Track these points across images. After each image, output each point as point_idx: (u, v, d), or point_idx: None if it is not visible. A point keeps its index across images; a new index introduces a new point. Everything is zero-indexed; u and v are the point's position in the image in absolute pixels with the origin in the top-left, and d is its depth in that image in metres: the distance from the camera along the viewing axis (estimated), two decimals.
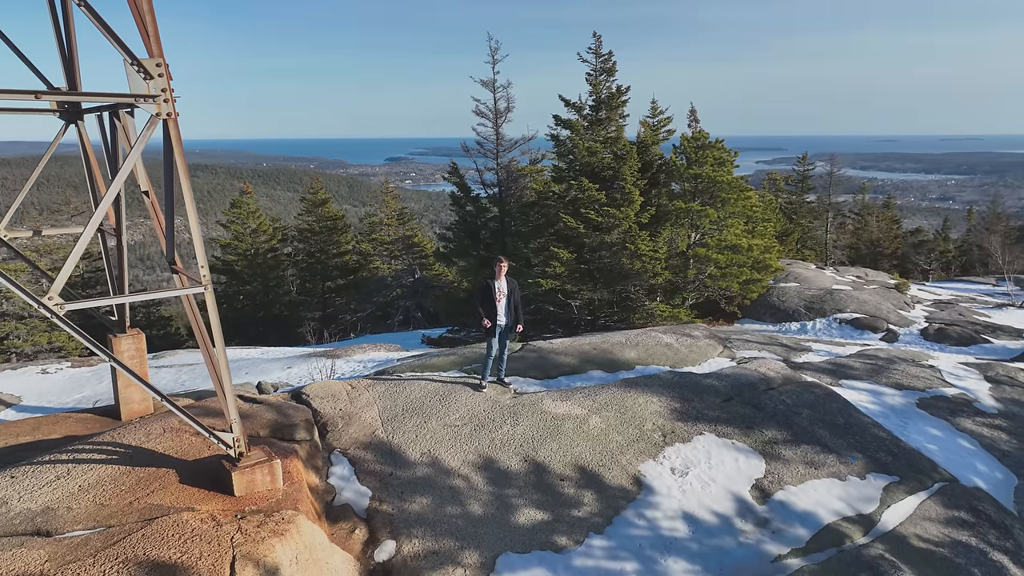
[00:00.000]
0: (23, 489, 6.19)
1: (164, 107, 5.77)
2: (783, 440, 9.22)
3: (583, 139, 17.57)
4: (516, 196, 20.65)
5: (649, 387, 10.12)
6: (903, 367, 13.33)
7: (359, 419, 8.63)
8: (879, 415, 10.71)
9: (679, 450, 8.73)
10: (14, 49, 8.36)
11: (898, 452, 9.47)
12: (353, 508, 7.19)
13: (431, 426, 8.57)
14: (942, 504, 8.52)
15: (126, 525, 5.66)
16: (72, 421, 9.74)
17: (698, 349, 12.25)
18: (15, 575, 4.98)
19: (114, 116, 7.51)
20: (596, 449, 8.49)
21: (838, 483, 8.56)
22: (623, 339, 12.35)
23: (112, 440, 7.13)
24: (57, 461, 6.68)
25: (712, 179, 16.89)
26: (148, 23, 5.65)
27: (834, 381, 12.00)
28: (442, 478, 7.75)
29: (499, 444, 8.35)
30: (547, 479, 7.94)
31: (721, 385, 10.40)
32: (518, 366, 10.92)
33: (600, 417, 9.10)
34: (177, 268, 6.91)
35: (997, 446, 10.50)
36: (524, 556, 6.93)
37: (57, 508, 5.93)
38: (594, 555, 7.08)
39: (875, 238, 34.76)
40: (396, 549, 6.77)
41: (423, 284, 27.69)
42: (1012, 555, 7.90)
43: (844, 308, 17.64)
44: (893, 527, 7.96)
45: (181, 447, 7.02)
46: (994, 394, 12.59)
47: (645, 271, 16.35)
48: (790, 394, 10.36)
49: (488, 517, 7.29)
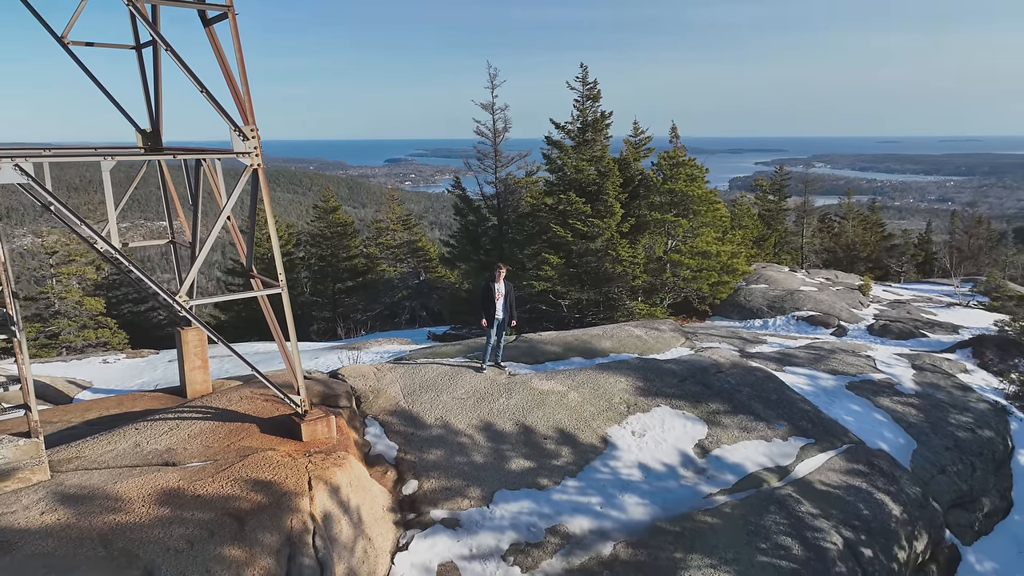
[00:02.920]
0: (148, 437, 8.44)
1: (255, 160, 8.03)
2: (724, 411, 11.48)
3: (571, 158, 19.89)
4: (513, 206, 22.94)
5: (619, 370, 12.37)
6: (842, 356, 15.60)
7: (385, 393, 10.87)
8: (810, 394, 12.96)
9: (639, 418, 10.98)
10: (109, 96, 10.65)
11: (818, 421, 11.74)
12: (385, 457, 9.43)
13: (442, 399, 10.80)
14: (846, 460, 10.78)
15: (228, 459, 7.91)
16: (148, 398, 11.99)
17: (663, 340, 14.53)
18: (161, 488, 7.22)
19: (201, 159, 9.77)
20: (573, 416, 10.73)
21: (764, 443, 10.82)
22: (601, 332, 14.63)
23: (204, 404, 9.39)
24: (166, 418, 8.94)
25: (684, 193, 19.15)
26: (245, 102, 7.91)
27: (778, 367, 14.26)
28: (452, 436, 9.98)
29: (496, 412, 10.58)
30: (534, 438, 10.18)
31: (678, 368, 12.66)
32: (512, 353, 13.17)
33: (577, 392, 11.35)
34: (254, 275, 9.17)
35: (905, 419, 12.78)
36: (515, 492, 9.17)
37: (176, 448, 8.18)
38: (568, 492, 9.33)
39: (851, 242, 37.03)
40: (418, 486, 9.01)
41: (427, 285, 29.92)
42: (893, 496, 10.18)
43: (802, 307, 19.91)
44: (803, 475, 10.22)
45: (256, 409, 9.27)
46: (916, 379, 14.86)
47: (626, 274, 18.61)
48: (735, 376, 12.62)
49: (487, 465, 9.53)
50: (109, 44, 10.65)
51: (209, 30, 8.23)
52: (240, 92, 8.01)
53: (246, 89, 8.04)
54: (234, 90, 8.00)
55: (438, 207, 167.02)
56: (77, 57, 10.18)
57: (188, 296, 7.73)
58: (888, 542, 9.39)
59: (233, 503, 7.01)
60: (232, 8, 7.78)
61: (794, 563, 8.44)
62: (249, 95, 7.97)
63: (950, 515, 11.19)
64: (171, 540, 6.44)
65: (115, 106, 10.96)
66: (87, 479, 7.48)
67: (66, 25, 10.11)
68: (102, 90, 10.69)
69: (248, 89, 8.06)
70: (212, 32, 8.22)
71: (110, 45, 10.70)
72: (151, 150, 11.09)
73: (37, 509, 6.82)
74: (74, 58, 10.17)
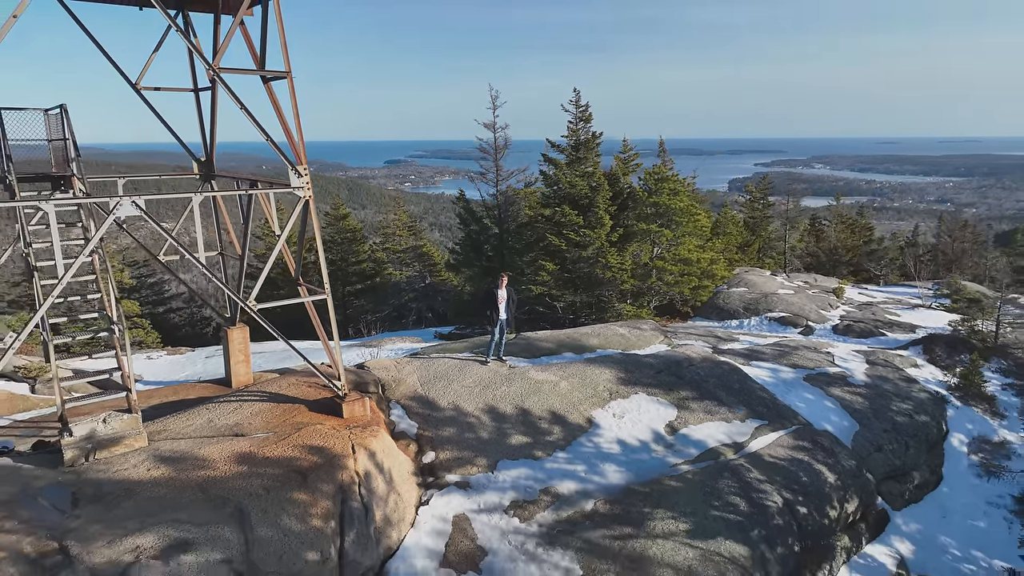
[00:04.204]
0: (218, 415, 10.44)
1: (307, 193, 10.03)
2: (692, 397, 13.47)
3: (565, 173, 21.91)
4: (512, 217, 24.95)
5: (604, 363, 14.37)
6: (803, 353, 17.60)
7: (405, 382, 12.86)
8: (769, 384, 14.96)
9: (620, 403, 12.97)
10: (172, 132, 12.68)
11: (773, 407, 13.74)
12: (407, 433, 11.41)
13: (453, 386, 12.79)
14: (793, 438, 12.78)
15: (286, 431, 9.90)
16: (199, 387, 13.98)
17: (644, 338, 16.53)
18: (237, 452, 9.21)
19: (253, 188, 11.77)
20: (563, 401, 12.72)
21: (724, 424, 12.82)
22: (590, 331, 16.64)
23: (259, 390, 11.39)
24: (230, 400, 10.94)
25: (668, 206, 21.13)
26: (299, 146, 9.91)
27: (745, 362, 16.25)
28: (462, 417, 11.96)
29: (499, 397, 12.57)
30: (530, 419, 12.17)
31: (655, 362, 14.66)
32: (512, 349, 15.16)
33: (568, 382, 13.34)
34: (301, 283, 11.18)
35: (852, 406, 14.78)
36: (514, 461, 11.16)
37: (242, 423, 10.18)
38: (558, 461, 11.32)
39: (834, 246, 39.05)
40: (435, 456, 10.99)
41: (432, 288, 31.90)
42: (830, 467, 12.18)
43: (774, 308, 21.89)
44: (755, 450, 12.22)
45: (302, 393, 11.27)
46: (867, 372, 16.86)
47: (615, 279, 20.59)
48: (704, 368, 14.62)
49: (491, 440, 11.52)
50: (174, 88, 12.65)
51: (268, 86, 10.25)
52: (295, 139, 10.02)
53: (300, 137, 10.05)
54: (289, 137, 10.00)
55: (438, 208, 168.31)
56: (148, 100, 12.20)
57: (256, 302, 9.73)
58: (821, 503, 11.39)
59: (295, 462, 9.02)
60: (290, 73, 9.78)
61: (740, 516, 10.43)
62: (303, 141, 9.98)
63: (883, 485, 13.19)
64: (252, 488, 8.44)
65: (177, 140, 13.00)
66: (176, 446, 9.48)
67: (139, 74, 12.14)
68: (167, 128, 12.73)
69: (302, 136, 10.07)
70: (270, 88, 10.23)
71: (174, 89, 12.70)
72: (207, 176, 13.13)
73: (144, 467, 8.83)
74: (145, 101, 12.19)
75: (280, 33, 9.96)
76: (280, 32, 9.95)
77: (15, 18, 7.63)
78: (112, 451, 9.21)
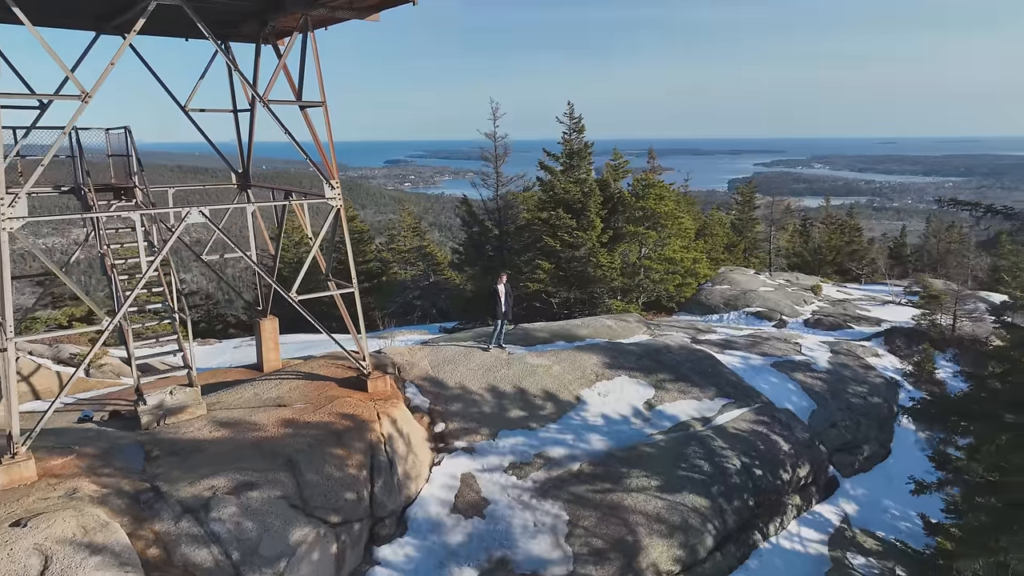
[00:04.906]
0: (262, 390, 12.34)
1: (338, 202, 11.92)
2: (668, 379, 15.35)
3: (560, 180, 23.82)
4: (512, 220, 26.85)
5: (592, 350, 16.25)
6: (774, 343, 19.49)
7: (418, 365, 14.73)
8: (739, 369, 16.84)
9: (605, 384, 14.84)
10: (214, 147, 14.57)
11: (740, 388, 15.63)
12: (421, 408, 13.27)
13: (460, 369, 14.66)
14: (755, 413, 14.68)
15: (321, 402, 11.79)
16: (235, 372, 15.88)
17: (629, 329, 18.43)
18: (282, 418, 11.10)
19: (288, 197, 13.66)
20: (555, 382, 14.60)
21: (696, 402, 14.71)
22: (580, 323, 18.53)
23: (294, 370, 13.30)
24: (270, 379, 12.83)
25: (654, 210, 23.01)
26: (333, 164, 11.80)
27: (720, 350, 18.13)
28: (467, 395, 13.83)
29: (499, 379, 14.44)
30: (526, 397, 14.04)
31: (637, 349, 16.55)
32: (511, 338, 17.04)
33: (559, 366, 15.22)
34: (330, 278, 13.07)
35: (812, 388, 16.67)
36: (512, 431, 13.03)
37: (283, 396, 12.08)
38: (550, 431, 13.20)
39: (818, 247, 40.98)
40: (445, 427, 12.87)
41: (436, 287, 33.79)
42: (786, 438, 14.08)
43: (752, 304, 23.77)
44: (720, 423, 14.11)
45: (331, 372, 13.17)
46: (831, 360, 18.74)
47: (605, 278, 22.48)
48: (680, 355, 16.52)
49: (493, 414, 13.39)
50: (216, 109, 14.55)
51: (304, 112, 12.14)
52: (328, 157, 11.91)
53: (333, 156, 11.94)
54: (324, 156, 11.90)
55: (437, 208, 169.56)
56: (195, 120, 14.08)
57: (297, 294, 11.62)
58: (775, 467, 13.29)
59: (332, 426, 10.92)
60: (325, 103, 11.68)
61: (703, 476, 12.33)
62: (335, 159, 11.87)
63: (835, 456, 15.08)
64: (298, 445, 10.33)
65: (219, 155, 14.90)
66: (230, 414, 11.37)
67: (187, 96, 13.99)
68: (210, 144, 14.63)
69: (335, 155, 11.96)
70: (306, 114, 12.13)
71: (217, 110, 14.60)
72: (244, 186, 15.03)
73: (206, 429, 10.73)
74: (192, 121, 14.06)
75: (316, 66, 11.85)
76: (316, 65, 11.85)
77: (112, 65, 9.52)
78: (179, 418, 11.11)
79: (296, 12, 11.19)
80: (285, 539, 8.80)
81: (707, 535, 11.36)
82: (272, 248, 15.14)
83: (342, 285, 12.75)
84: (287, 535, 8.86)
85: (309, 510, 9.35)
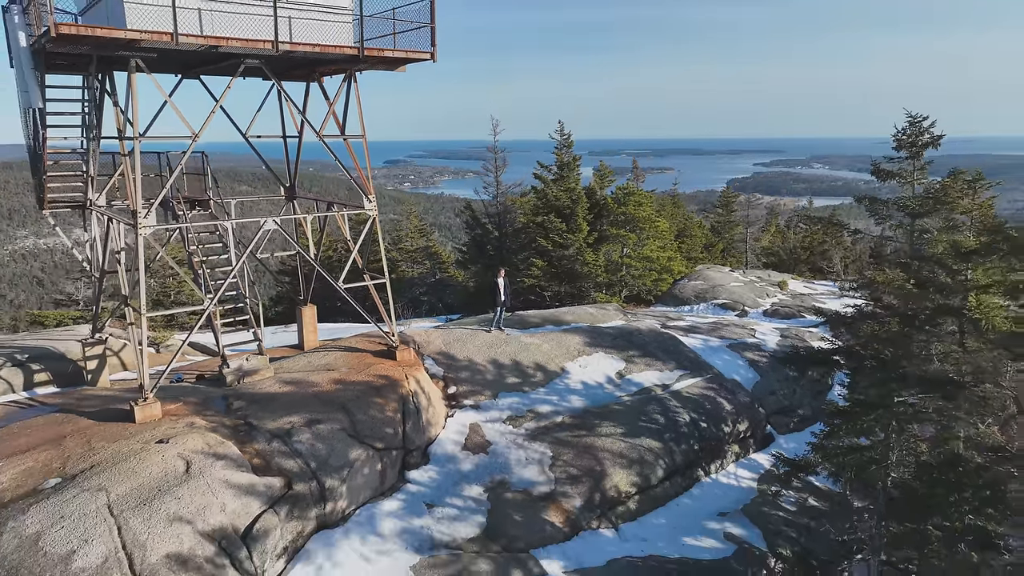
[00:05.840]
0: (314, 359, 15.75)
1: (374, 212, 15.33)
2: (638, 355, 18.76)
3: (551, 189, 27.28)
4: (510, 223, 30.29)
5: (576, 332, 19.66)
6: (732, 328, 22.90)
7: (433, 343, 18.13)
8: (698, 348, 20.26)
9: (584, 358, 18.25)
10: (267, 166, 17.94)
11: (696, 362, 19.05)
12: (437, 375, 16.67)
13: (467, 346, 18.05)
14: (706, 382, 18.09)
15: (361, 367, 15.21)
16: (281, 350, 19.21)
17: (607, 316, 21.87)
18: (333, 378, 14.52)
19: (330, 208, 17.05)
20: (545, 357, 18.00)
21: (658, 372, 18.13)
22: (567, 311, 21.95)
23: (338, 345, 16.73)
24: (318, 351, 16.24)
25: (634, 215, 26.42)
26: (369, 181, 15.21)
27: (684, 334, 21.55)
28: (473, 366, 17.23)
29: (499, 354, 17.84)
30: (521, 367, 17.45)
31: (613, 332, 19.97)
32: (509, 323, 20.41)
33: (548, 344, 18.62)
34: (365, 272, 16.47)
35: (758, 364, 20.08)
36: (509, 393, 16.44)
37: (331, 363, 15.49)
38: (539, 394, 16.62)
39: (793, 246, 44.42)
40: (456, 390, 16.27)
41: (441, 283, 37.18)
42: (729, 400, 17.51)
43: (719, 297, 27.16)
44: (676, 388, 17.53)
45: (366, 346, 16.59)
46: (779, 343, 22.14)
47: (591, 274, 25.88)
48: (648, 336, 19.93)
49: (494, 380, 16.80)
50: (271, 136, 17.92)
51: (347, 143, 15.54)
52: (366, 176, 15.31)
53: (370, 175, 15.34)
54: (361, 175, 15.30)
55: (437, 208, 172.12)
56: (253, 145, 17.45)
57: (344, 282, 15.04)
58: (719, 422, 16.72)
59: (371, 383, 14.34)
60: (365, 136, 15.07)
61: (658, 426, 15.75)
62: (371, 177, 15.27)
63: (773, 417, 18.49)
64: (348, 396, 13.75)
65: (269, 171, 18.31)
66: (292, 375, 14.78)
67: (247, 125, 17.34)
68: (264, 164, 18.04)
69: (371, 173, 15.36)
70: (348, 143, 15.53)
71: (270, 136, 17.97)
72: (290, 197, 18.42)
73: (276, 386, 14.13)
74: (252, 147, 17.43)
75: (358, 107, 15.25)
76: (358, 106, 15.25)
77: (214, 113, 12.91)
78: (253, 379, 14.52)
79: (345, 67, 14.61)
80: (346, 456, 12.23)
81: (659, 468, 14.79)
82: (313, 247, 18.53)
83: (375, 277, 16.15)
84: (347, 453, 12.28)
85: (360, 438, 12.77)
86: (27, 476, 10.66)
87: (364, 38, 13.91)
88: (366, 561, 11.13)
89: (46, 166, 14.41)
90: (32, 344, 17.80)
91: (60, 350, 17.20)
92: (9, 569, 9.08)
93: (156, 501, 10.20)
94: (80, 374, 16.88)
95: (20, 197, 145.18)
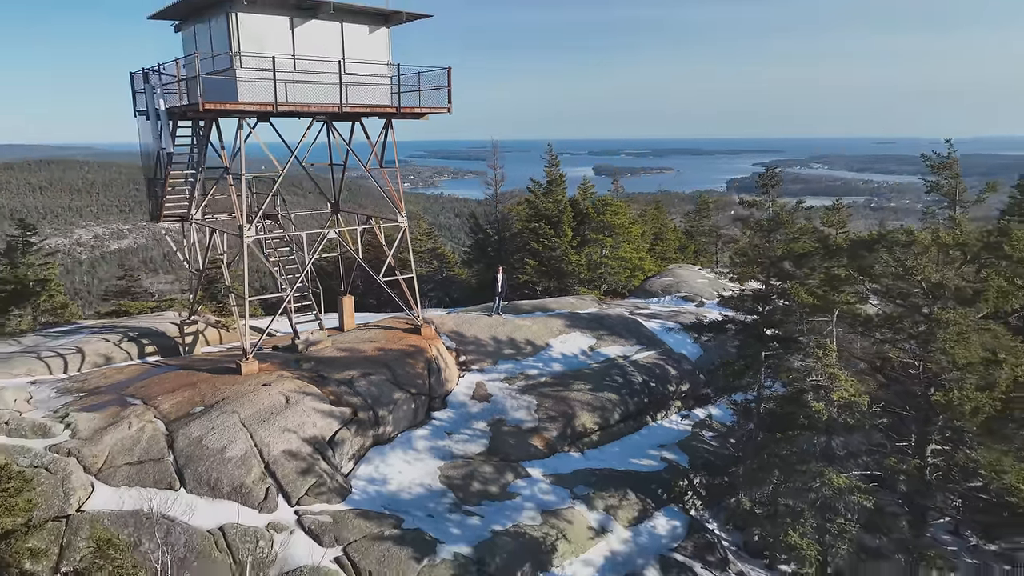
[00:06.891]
0: (360, 334, 20.97)
1: (405, 224, 20.57)
2: (607, 334, 23.97)
3: (541, 200, 32.55)
4: (507, 228, 35.55)
5: (559, 317, 24.88)
6: (686, 315, 28.13)
7: (447, 324, 23.32)
8: (656, 330, 25.49)
9: (565, 337, 23.47)
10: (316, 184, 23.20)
11: (653, 340, 24.28)
12: (450, 347, 21.86)
13: (473, 327, 23.24)
14: (658, 354, 23.32)
15: (396, 340, 20.44)
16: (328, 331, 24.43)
17: (585, 304, 27.09)
18: (376, 347, 19.73)
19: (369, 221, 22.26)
20: (534, 335, 23.20)
21: (621, 347, 23.35)
22: (552, 301, 27.18)
23: (376, 324, 21.98)
24: (361, 330, 21.48)
25: (611, 223, 31.65)
26: (401, 200, 20.43)
27: (646, 319, 26.77)
28: (478, 340, 22.43)
29: (498, 332, 23.03)
30: (515, 342, 22.66)
31: (588, 316, 25.20)
32: (506, 310, 25.61)
33: (537, 325, 23.83)
34: (395, 266, 21.71)
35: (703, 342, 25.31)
36: (505, 361, 21.65)
37: (373, 337, 20.71)
38: (528, 361, 21.84)
39: None
40: (465, 358, 21.47)
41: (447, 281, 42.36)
42: (674, 367, 22.78)
43: (681, 290, 32.34)
44: (635, 359, 22.75)
45: (397, 325, 21.83)
46: None
47: (574, 272, 31.08)
48: (616, 320, 25.16)
49: (494, 351, 22.01)
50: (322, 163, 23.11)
51: (383, 171, 20.75)
52: (400, 196, 20.52)
53: (401, 194, 20.55)
54: (395, 196, 20.50)
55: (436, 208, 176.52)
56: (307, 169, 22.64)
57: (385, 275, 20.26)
58: (665, 383, 21.95)
59: (405, 350, 19.56)
60: (398, 166, 20.28)
61: (617, 384, 20.97)
62: (403, 196, 20.49)
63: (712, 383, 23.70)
64: (389, 358, 18.97)
65: (317, 188, 23.52)
66: (345, 345, 19.99)
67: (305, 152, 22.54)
68: (316, 185, 23.26)
69: (402, 193, 20.57)
70: (384, 172, 20.74)
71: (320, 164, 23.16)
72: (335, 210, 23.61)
73: (335, 352, 19.36)
74: (309, 175, 22.63)
75: (393, 145, 20.47)
76: (393, 144, 20.46)
77: (294, 154, 18.09)
78: (317, 348, 19.72)
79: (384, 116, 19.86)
80: (391, 396, 17.45)
81: (616, 413, 20.02)
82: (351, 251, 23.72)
83: (403, 272, 21.37)
84: (391, 395, 17.50)
85: (400, 385, 18.00)
86: (180, 405, 15.87)
87: (400, 94, 19.13)
88: (407, 464, 16.36)
89: (166, 191, 19.57)
90: (136, 325, 23.00)
91: (160, 329, 22.39)
92: (187, 457, 14.29)
93: (271, 419, 15.42)
94: (176, 348, 22.06)
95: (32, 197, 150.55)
